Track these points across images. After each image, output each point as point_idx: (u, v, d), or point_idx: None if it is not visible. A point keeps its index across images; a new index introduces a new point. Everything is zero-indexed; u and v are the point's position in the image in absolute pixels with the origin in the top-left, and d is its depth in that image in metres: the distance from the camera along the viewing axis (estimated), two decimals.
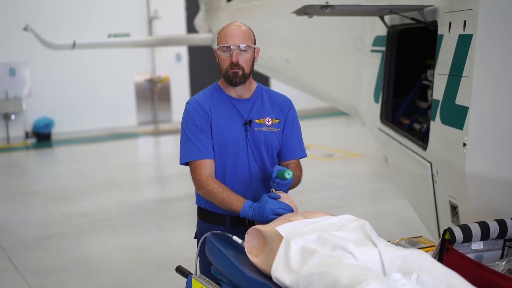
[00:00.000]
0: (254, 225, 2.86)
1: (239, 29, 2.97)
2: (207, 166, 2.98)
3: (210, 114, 3.01)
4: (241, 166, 3.03)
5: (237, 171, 3.03)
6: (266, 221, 2.76)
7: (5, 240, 6.81)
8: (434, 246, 3.05)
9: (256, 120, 3.05)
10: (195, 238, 3.22)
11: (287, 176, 2.80)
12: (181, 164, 3.05)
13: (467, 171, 3.23)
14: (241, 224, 3.00)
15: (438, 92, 3.66)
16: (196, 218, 3.21)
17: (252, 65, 3.04)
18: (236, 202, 2.87)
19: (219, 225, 3.04)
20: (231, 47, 2.94)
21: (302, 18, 4.76)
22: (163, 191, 9.44)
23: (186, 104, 3.08)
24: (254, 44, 3.02)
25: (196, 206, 3.19)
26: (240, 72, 2.97)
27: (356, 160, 10.90)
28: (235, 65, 2.95)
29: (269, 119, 3.07)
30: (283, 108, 3.14)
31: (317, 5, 4.01)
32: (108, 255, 6.24)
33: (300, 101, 13.07)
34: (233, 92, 3.06)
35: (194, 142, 2.98)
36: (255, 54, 3.05)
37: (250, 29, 3.04)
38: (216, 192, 2.91)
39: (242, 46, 2.95)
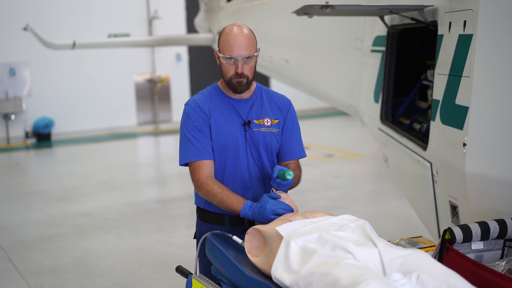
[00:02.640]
0: (253, 224, 2.86)
1: (244, 38, 2.92)
2: (207, 167, 2.98)
3: (209, 115, 3.01)
4: (240, 166, 3.03)
5: (236, 171, 3.03)
6: (266, 221, 2.76)
7: (5, 240, 6.81)
8: (434, 246, 3.05)
9: (255, 121, 3.05)
10: (194, 238, 3.22)
11: (288, 176, 2.80)
12: (180, 165, 3.05)
13: (467, 171, 3.23)
14: (240, 223, 3.01)
15: (438, 92, 3.66)
16: (196, 218, 3.22)
17: (255, 69, 3.03)
18: (236, 202, 2.87)
19: (218, 225, 3.05)
20: (237, 58, 2.92)
21: (302, 18, 4.77)
22: (163, 192, 9.43)
23: (185, 105, 3.08)
24: (257, 49, 3.00)
25: (195, 206, 3.19)
26: (245, 81, 2.97)
27: (356, 160, 10.90)
28: (240, 75, 2.95)
29: (268, 120, 3.07)
30: (282, 108, 3.13)
31: (317, 5, 4.01)
32: (108, 255, 6.24)
33: (300, 101, 13.11)
34: (232, 93, 3.06)
35: (194, 143, 2.98)
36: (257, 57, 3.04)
37: (252, 32, 3.00)
38: (216, 192, 2.91)
39: (247, 55, 2.93)
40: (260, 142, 3.04)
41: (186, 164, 3.04)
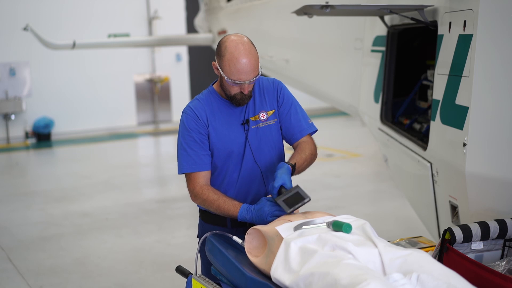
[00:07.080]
0: (255, 225, 2.86)
1: (251, 62, 2.84)
2: (202, 176, 2.98)
3: (207, 122, 2.99)
4: (238, 170, 3.02)
5: (235, 174, 3.03)
6: (265, 223, 2.75)
7: (5, 240, 6.81)
8: (434, 246, 3.05)
9: (252, 118, 3.03)
10: (198, 237, 3.23)
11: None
12: (179, 174, 3.04)
13: (467, 171, 3.22)
14: (243, 225, 3.00)
15: (438, 92, 3.66)
16: (198, 218, 3.22)
17: None
18: (232, 207, 2.88)
19: (220, 226, 3.05)
20: (245, 82, 2.87)
21: (302, 18, 4.77)
22: (163, 192, 9.43)
23: (182, 113, 3.04)
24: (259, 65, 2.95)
25: (197, 207, 3.19)
26: (247, 96, 2.95)
27: (356, 160, 10.90)
28: (244, 94, 2.93)
29: (264, 114, 3.05)
30: (274, 93, 3.09)
31: (317, 5, 4.01)
32: (108, 255, 6.24)
33: (300, 101, 13.10)
34: None
35: (190, 154, 2.97)
36: None
37: (254, 46, 2.91)
38: (211, 200, 2.92)
39: (254, 77, 2.89)
40: (260, 139, 3.03)
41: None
